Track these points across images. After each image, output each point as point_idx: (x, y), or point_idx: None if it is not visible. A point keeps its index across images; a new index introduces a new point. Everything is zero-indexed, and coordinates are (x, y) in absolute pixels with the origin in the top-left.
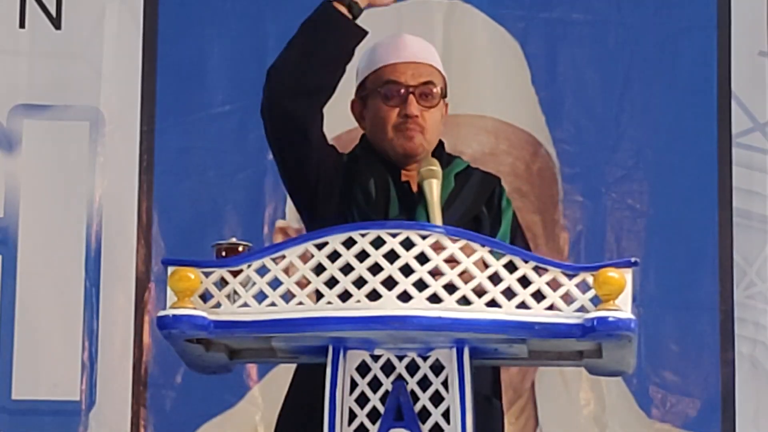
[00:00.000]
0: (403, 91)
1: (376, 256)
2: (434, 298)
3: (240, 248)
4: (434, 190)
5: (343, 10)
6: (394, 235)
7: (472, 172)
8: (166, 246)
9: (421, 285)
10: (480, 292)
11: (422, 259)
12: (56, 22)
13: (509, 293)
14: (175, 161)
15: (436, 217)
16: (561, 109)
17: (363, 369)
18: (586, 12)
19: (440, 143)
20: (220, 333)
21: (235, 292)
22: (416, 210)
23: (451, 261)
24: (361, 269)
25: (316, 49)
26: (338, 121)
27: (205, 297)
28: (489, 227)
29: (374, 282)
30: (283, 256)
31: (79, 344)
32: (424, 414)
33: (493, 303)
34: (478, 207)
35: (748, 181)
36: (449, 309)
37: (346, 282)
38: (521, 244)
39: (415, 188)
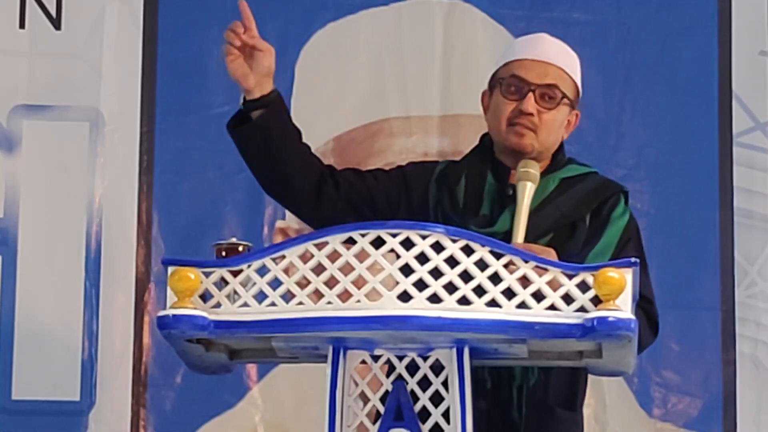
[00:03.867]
0: (524, 87)
1: (376, 256)
2: (434, 298)
3: (240, 248)
4: (526, 193)
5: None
6: (394, 235)
7: (588, 179)
8: (166, 246)
9: (421, 285)
10: (480, 292)
11: (422, 259)
12: (56, 22)
13: (509, 293)
14: (175, 161)
15: (521, 219)
16: None
17: (363, 369)
18: (586, 12)
19: (560, 148)
20: (220, 333)
21: (235, 292)
22: (501, 213)
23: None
24: (361, 269)
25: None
26: (338, 121)
27: (205, 297)
28: (585, 236)
29: (374, 282)
30: (283, 256)
31: (79, 344)
32: (424, 414)
33: (493, 303)
34: (580, 213)
35: (749, 180)
36: (449, 309)
37: (346, 282)
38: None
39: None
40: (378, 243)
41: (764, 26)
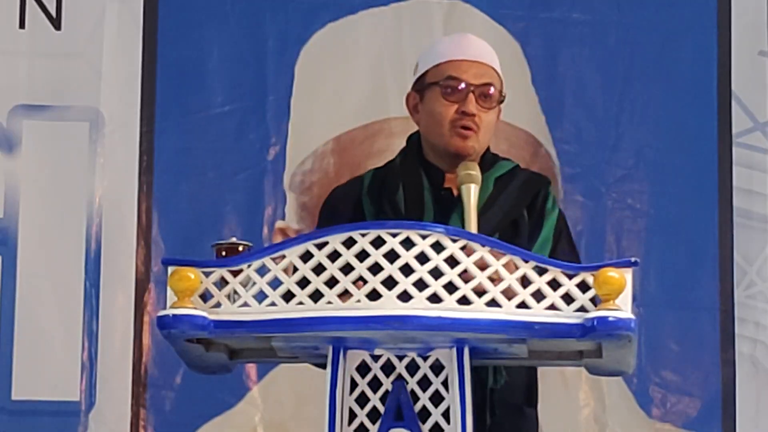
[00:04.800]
0: (464, 87)
1: (376, 255)
2: (434, 298)
3: (240, 248)
4: (471, 195)
5: None
6: (394, 235)
7: (516, 174)
8: (165, 246)
9: (421, 285)
10: (480, 292)
11: (422, 258)
12: (56, 23)
13: (509, 293)
14: (175, 162)
15: (471, 222)
16: (561, 109)
17: (363, 369)
18: (586, 12)
19: (488, 147)
20: (220, 333)
21: (235, 292)
22: (450, 217)
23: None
24: (361, 269)
25: None
26: (338, 121)
27: (205, 297)
28: (527, 232)
29: (374, 282)
30: (283, 256)
31: (79, 345)
32: (424, 414)
33: (493, 303)
34: (518, 211)
35: (748, 180)
36: (449, 309)
37: (346, 282)
38: (566, 249)
39: (456, 194)
40: (378, 243)
41: (764, 26)
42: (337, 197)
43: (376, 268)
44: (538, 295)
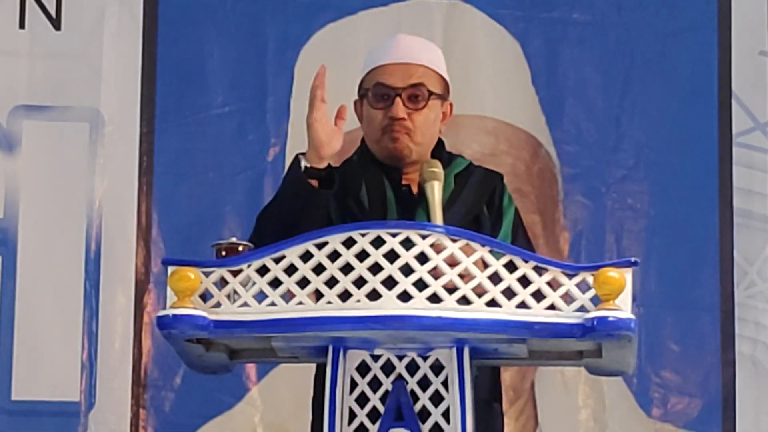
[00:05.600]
0: (390, 93)
1: (376, 255)
2: (434, 298)
3: (240, 248)
4: (435, 192)
5: (313, 182)
6: (394, 235)
7: (473, 171)
8: (165, 247)
9: (421, 285)
10: (480, 292)
11: (422, 258)
12: (56, 23)
13: (509, 293)
14: (175, 162)
15: (437, 219)
16: (561, 109)
17: (363, 369)
18: (586, 12)
19: (440, 143)
20: (220, 333)
21: (235, 292)
22: (416, 213)
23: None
24: (361, 269)
25: (290, 222)
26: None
27: (205, 297)
28: (489, 227)
29: (374, 282)
30: (283, 256)
31: (79, 345)
32: (424, 414)
33: (493, 303)
34: (479, 206)
35: (748, 180)
36: (449, 309)
37: (346, 282)
38: (523, 243)
39: (416, 191)
40: (378, 243)
41: (764, 26)
42: None
43: (376, 268)
44: (538, 295)
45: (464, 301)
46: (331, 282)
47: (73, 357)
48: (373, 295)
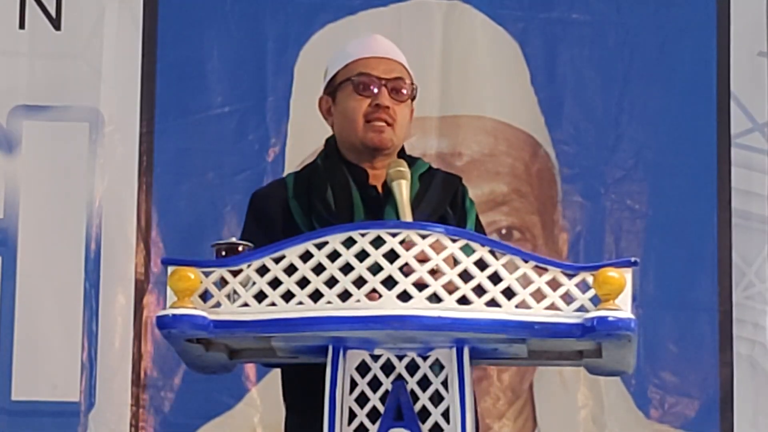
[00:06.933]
0: (375, 82)
1: (376, 255)
2: (434, 298)
3: (240, 248)
4: (404, 191)
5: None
6: (394, 235)
7: (435, 173)
8: (165, 247)
9: (421, 285)
10: (480, 292)
11: (422, 258)
12: (56, 23)
13: (509, 293)
14: (175, 162)
15: (407, 218)
16: (560, 109)
17: (363, 369)
18: (585, 12)
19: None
20: (220, 333)
21: (235, 292)
22: (384, 212)
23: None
24: (361, 269)
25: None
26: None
27: (205, 297)
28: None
29: (374, 282)
30: (283, 256)
31: (79, 345)
32: (424, 414)
33: (493, 303)
34: (443, 207)
35: (747, 181)
36: (449, 309)
37: (346, 282)
38: None
39: (380, 190)
40: (378, 243)
41: (763, 27)
42: (262, 200)
43: (375, 268)
44: (538, 295)
45: (464, 301)
46: (331, 282)
47: (73, 357)
48: (373, 295)
